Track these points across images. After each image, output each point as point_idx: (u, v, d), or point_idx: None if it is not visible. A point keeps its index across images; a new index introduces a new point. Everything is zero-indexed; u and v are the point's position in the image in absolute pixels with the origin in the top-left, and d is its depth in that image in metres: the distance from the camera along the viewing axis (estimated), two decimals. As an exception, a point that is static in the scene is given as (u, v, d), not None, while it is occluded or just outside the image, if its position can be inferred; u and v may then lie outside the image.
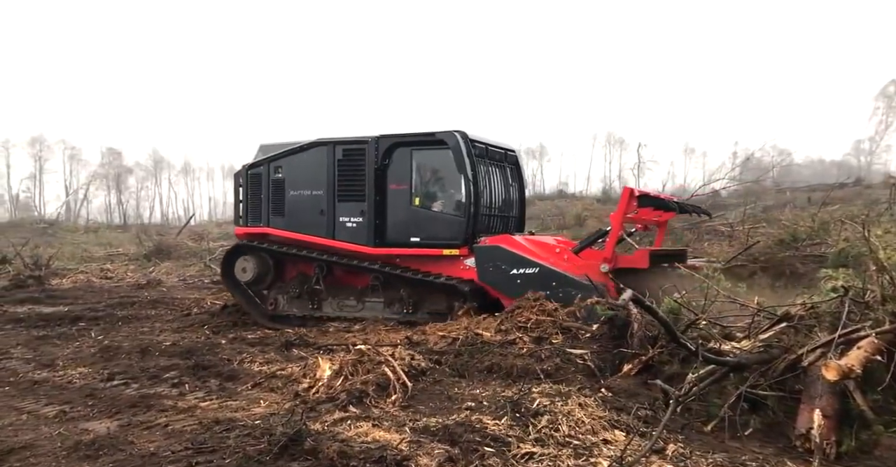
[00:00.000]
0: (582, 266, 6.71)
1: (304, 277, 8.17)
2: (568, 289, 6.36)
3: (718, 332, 4.72)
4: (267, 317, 8.25)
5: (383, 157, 7.47)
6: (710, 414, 3.87)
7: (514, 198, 8.30)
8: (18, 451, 3.79)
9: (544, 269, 6.63)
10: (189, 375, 5.57)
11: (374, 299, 7.76)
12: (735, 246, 12.18)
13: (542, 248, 7.10)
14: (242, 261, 8.23)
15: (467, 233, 7.17)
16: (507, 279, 6.78)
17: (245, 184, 8.34)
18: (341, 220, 7.67)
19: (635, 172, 55.74)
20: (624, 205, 6.46)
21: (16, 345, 7.41)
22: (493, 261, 6.90)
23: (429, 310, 7.47)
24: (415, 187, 7.49)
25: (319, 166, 7.76)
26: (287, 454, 3.40)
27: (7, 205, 53.83)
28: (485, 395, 4.47)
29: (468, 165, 7.10)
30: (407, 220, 7.46)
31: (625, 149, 68.96)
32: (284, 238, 8.04)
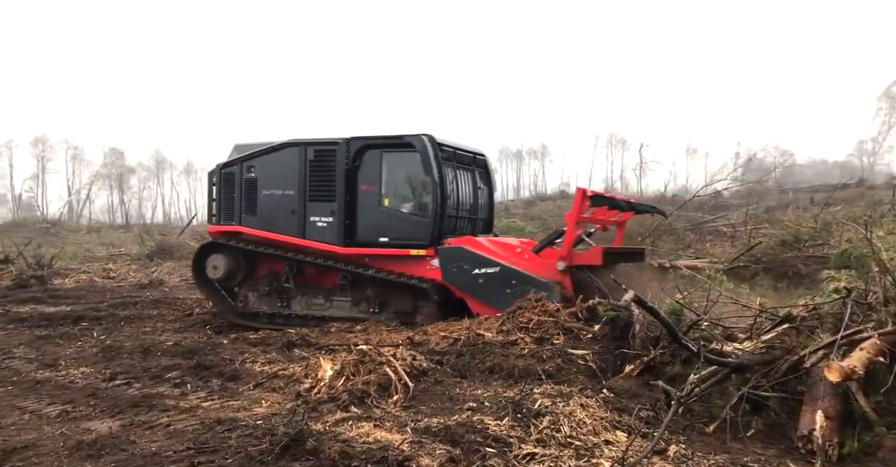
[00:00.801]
0: (541, 264, 6.94)
1: (274, 275, 8.28)
2: (527, 287, 6.61)
3: (720, 333, 4.71)
4: (236, 314, 8.33)
5: (354, 159, 7.62)
6: (712, 416, 3.87)
7: (481, 200, 8.49)
8: (21, 451, 3.80)
9: (505, 269, 6.88)
10: (191, 375, 5.58)
11: (342, 298, 7.89)
12: (737, 246, 12.17)
13: (504, 249, 7.30)
14: (213, 258, 8.32)
15: (433, 234, 7.35)
16: (469, 279, 7.02)
17: (219, 183, 8.44)
18: (312, 220, 7.79)
19: (637, 173, 55.73)
20: (577, 205, 6.65)
21: (18, 344, 7.43)
22: (456, 261, 7.11)
23: (394, 310, 7.61)
24: (384, 188, 7.66)
25: (291, 166, 7.89)
26: (289, 454, 3.40)
27: (10, 205, 53.97)
28: (486, 396, 4.47)
29: (435, 168, 7.28)
30: (376, 221, 7.63)
31: (627, 150, 69.00)
32: (257, 237, 8.14)
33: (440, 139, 7.55)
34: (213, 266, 8.26)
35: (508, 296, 6.63)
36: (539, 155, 73.17)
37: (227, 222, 8.38)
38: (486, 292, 6.95)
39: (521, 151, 73.50)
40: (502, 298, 6.75)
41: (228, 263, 8.21)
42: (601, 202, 6.91)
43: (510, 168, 75.46)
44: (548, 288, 6.57)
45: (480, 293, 6.99)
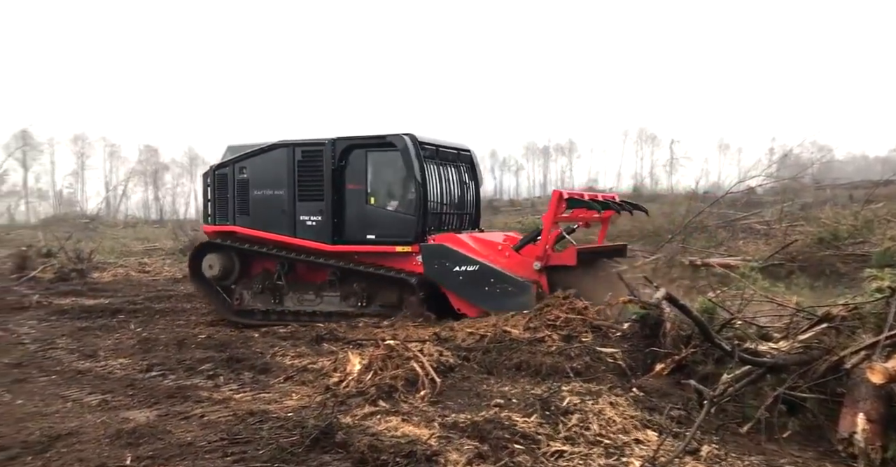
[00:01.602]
0: (519, 263, 7.09)
1: (267, 273, 8.44)
2: (504, 286, 6.87)
3: (755, 333, 4.59)
4: (233, 312, 8.51)
5: (340, 158, 7.80)
6: (746, 416, 3.78)
7: (468, 196, 8.62)
8: (65, 438, 3.95)
9: (484, 267, 7.06)
10: (223, 367, 5.70)
11: (331, 293, 8.08)
12: (772, 244, 11.84)
13: (486, 246, 7.45)
14: (209, 258, 8.57)
15: (418, 231, 7.53)
16: (451, 275, 7.20)
17: (212, 184, 8.67)
18: (302, 219, 7.99)
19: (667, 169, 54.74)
20: (553, 207, 6.84)
21: (61, 335, 7.71)
22: (438, 258, 7.29)
23: (381, 303, 7.82)
24: (370, 187, 7.83)
25: (280, 167, 8.09)
26: (319, 447, 3.46)
27: (52, 201, 55.92)
28: (514, 393, 4.46)
29: (416, 167, 7.44)
30: (363, 219, 7.81)
31: (657, 146, 67.80)
32: (250, 236, 8.37)
33: (422, 137, 7.70)
34: (208, 265, 8.52)
35: (487, 293, 6.90)
36: (566, 151, 72.45)
37: (221, 222, 8.63)
38: (466, 289, 7.15)
39: (549, 147, 72.87)
40: (481, 295, 6.99)
41: (223, 262, 8.46)
42: (577, 204, 7.06)
43: (536, 164, 74.93)
44: (524, 287, 6.77)
45: (461, 289, 7.19)
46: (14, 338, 7.54)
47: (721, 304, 5.02)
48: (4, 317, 8.84)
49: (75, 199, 56.27)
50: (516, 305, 6.68)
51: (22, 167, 51.70)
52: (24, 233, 24.37)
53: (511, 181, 72.21)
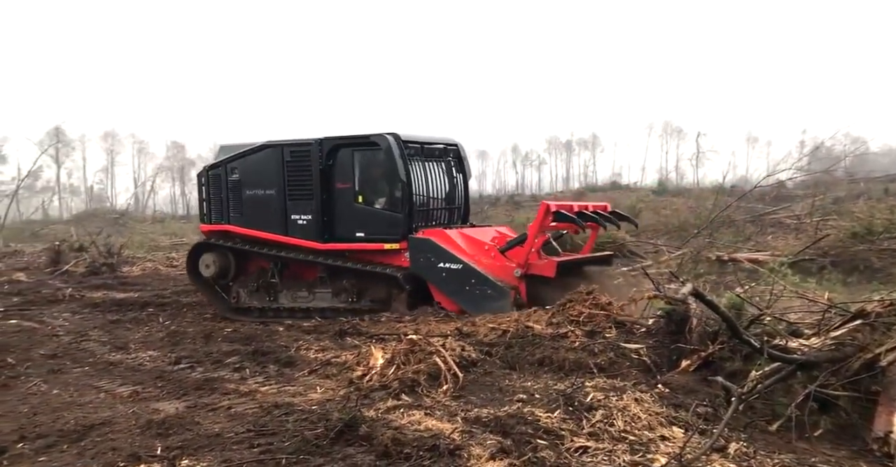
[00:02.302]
0: (502, 267, 7.19)
1: (262, 271, 8.63)
2: (484, 288, 7.03)
3: (784, 329, 4.49)
4: (231, 310, 8.66)
5: (327, 158, 7.93)
6: (776, 414, 3.70)
7: (457, 190, 8.67)
8: (98, 427, 4.07)
9: (466, 267, 7.17)
10: (249, 360, 5.80)
11: (323, 290, 8.24)
12: (802, 239, 11.56)
13: (473, 245, 7.52)
14: (205, 257, 8.72)
15: (405, 229, 7.65)
16: (435, 270, 7.34)
17: (207, 184, 8.86)
18: (293, 218, 8.14)
19: (693, 162, 53.71)
20: (540, 219, 6.99)
21: (93, 328, 7.94)
22: (424, 252, 7.41)
23: (371, 299, 8.00)
24: (357, 186, 7.94)
25: (271, 167, 8.25)
26: (343, 439, 3.49)
27: (83, 197, 57.38)
28: (536, 388, 4.44)
29: (400, 166, 7.55)
30: (352, 217, 7.94)
31: (682, 139, 66.53)
32: (244, 235, 8.53)
33: (406, 135, 7.81)
34: (205, 265, 8.70)
35: (467, 293, 7.07)
36: (590, 145, 71.60)
37: (217, 221, 8.82)
38: (447, 286, 7.29)
39: (571, 142, 72.11)
40: (461, 294, 7.15)
41: (220, 261, 8.63)
42: (563, 219, 7.08)
43: (559, 159, 74.24)
44: (503, 292, 6.89)
45: (443, 285, 7.34)
46: (49, 330, 7.77)
47: (749, 300, 4.92)
48: (40, 310, 9.12)
49: (105, 195, 57.63)
50: (493, 309, 6.80)
51: (55, 163, 53.12)
52: (57, 228, 25.09)
53: (533, 176, 71.79)
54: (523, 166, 70.61)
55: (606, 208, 7.99)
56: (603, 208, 7.91)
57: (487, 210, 23.39)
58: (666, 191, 30.41)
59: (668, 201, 22.64)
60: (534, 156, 72.40)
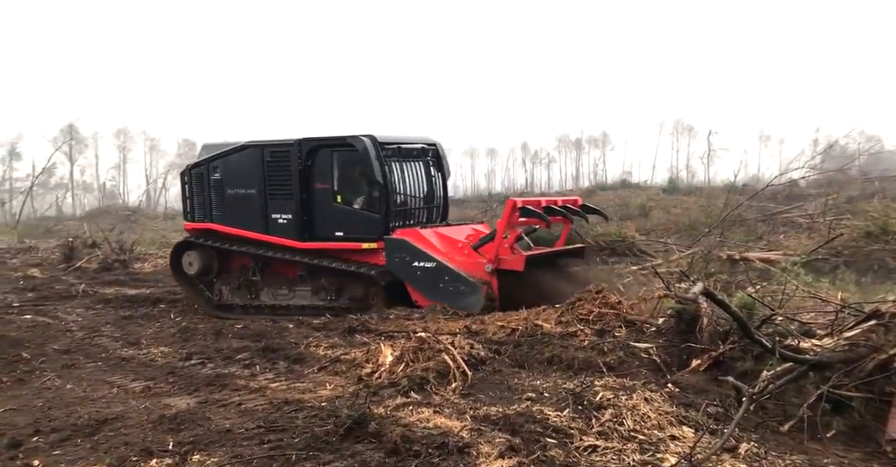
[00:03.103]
0: (474, 264, 7.36)
1: (244, 269, 8.74)
2: (457, 284, 7.20)
3: (797, 329, 4.46)
4: (214, 307, 8.77)
5: (306, 159, 8.05)
6: (788, 414, 3.67)
7: (435, 189, 8.80)
8: (111, 422, 4.12)
9: (440, 265, 7.33)
10: (259, 357, 5.82)
11: (303, 288, 8.37)
12: (815, 239, 11.43)
13: (446, 243, 7.68)
14: (188, 255, 8.84)
15: (382, 228, 7.80)
16: (409, 269, 7.49)
17: (190, 183, 8.99)
18: (273, 217, 8.27)
19: (704, 161, 53.23)
20: (507, 216, 7.15)
21: (105, 323, 8.01)
22: (399, 252, 7.56)
23: (349, 297, 8.13)
24: (336, 186, 8.07)
25: (252, 167, 8.37)
26: (352, 436, 3.51)
27: (96, 194, 57.95)
28: (545, 387, 4.43)
29: (376, 167, 7.68)
30: (331, 217, 8.08)
31: (693, 137, 65.99)
32: (226, 233, 8.66)
33: (383, 137, 7.93)
34: (188, 263, 8.83)
35: (441, 290, 7.23)
36: (599, 143, 71.25)
37: (200, 220, 8.94)
38: (422, 284, 7.44)
39: (581, 140, 71.78)
40: (436, 292, 7.30)
41: (202, 259, 8.76)
42: (530, 214, 7.27)
43: (569, 157, 73.94)
44: (475, 287, 7.09)
45: (418, 284, 7.48)
46: (63, 326, 7.86)
47: (761, 300, 4.89)
48: (54, 305, 9.22)
49: (118, 192, 58.16)
50: (466, 304, 7.02)
51: (69, 160, 53.65)
52: (70, 224, 25.33)
53: (543, 174, 71.56)
54: (533, 164, 70.42)
55: (577, 203, 8.14)
56: (573, 203, 8.05)
57: (497, 208, 23.32)
58: (676, 189, 30.12)
59: (679, 200, 22.47)
60: (543, 154, 72.21)
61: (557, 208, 7.59)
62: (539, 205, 7.45)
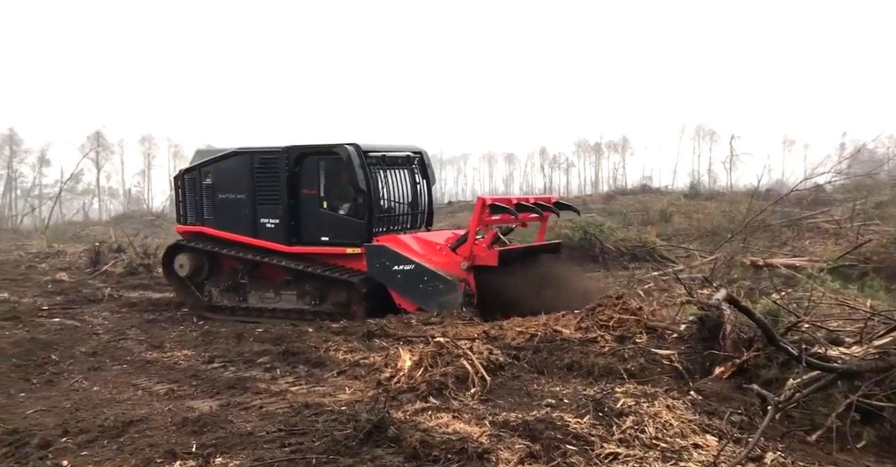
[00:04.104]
0: (450, 263, 7.56)
1: (234, 272, 8.90)
2: (436, 284, 7.38)
3: (823, 336, 4.36)
4: (204, 308, 8.94)
5: (294, 165, 8.27)
6: (816, 424, 3.59)
7: (420, 196, 9.01)
8: (137, 424, 4.19)
9: (418, 267, 7.51)
10: (280, 361, 5.86)
11: (289, 292, 8.51)
12: (843, 244, 11.18)
13: (425, 246, 7.87)
14: (179, 257, 9.03)
15: (366, 234, 8.00)
16: (390, 274, 7.68)
17: (182, 187, 9.22)
18: (262, 221, 8.48)
19: (727, 166, 52.44)
20: (478, 213, 7.40)
21: (130, 326, 8.16)
22: (379, 258, 7.75)
23: (332, 302, 8.25)
24: (322, 192, 8.29)
25: (241, 173, 8.60)
26: (372, 440, 3.52)
27: (121, 199, 59.17)
28: (565, 393, 4.40)
29: (360, 175, 7.88)
30: (317, 222, 8.27)
31: (715, 142, 65.11)
32: (217, 236, 8.86)
33: (367, 145, 8.16)
34: (179, 264, 8.98)
35: (421, 291, 7.43)
36: (619, 148, 70.69)
37: (192, 223, 9.12)
38: (403, 286, 7.61)
39: (601, 144, 71.30)
40: (417, 293, 7.49)
41: (193, 262, 8.92)
42: (500, 210, 7.47)
43: (588, 162, 73.47)
44: (452, 285, 7.30)
45: (399, 287, 7.64)
46: (89, 329, 8.02)
47: (786, 306, 4.79)
48: (81, 309, 9.42)
49: (142, 197, 59.31)
50: (446, 302, 7.21)
51: (95, 167, 54.99)
52: (97, 229, 25.87)
53: (561, 179, 71.21)
54: (551, 169, 70.14)
55: (551, 200, 8.36)
56: (547, 200, 8.26)
57: (514, 213, 23.20)
58: (698, 194, 29.74)
59: (701, 205, 22.17)
60: (562, 159, 71.87)
61: (528, 205, 7.80)
62: (510, 202, 7.67)
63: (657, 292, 8.77)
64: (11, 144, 51.84)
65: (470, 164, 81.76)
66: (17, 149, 52.46)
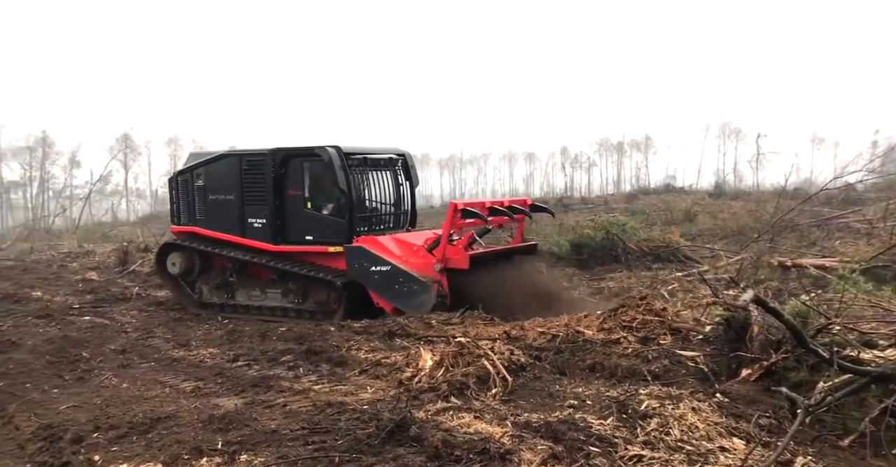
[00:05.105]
0: (425, 264, 7.72)
1: (223, 270, 9.24)
2: (410, 285, 7.55)
3: (856, 339, 4.25)
4: (196, 305, 9.31)
5: (279, 167, 8.54)
6: (848, 429, 3.50)
7: (403, 196, 9.26)
8: (165, 420, 4.27)
9: (394, 268, 7.68)
10: (302, 359, 5.92)
11: (274, 290, 8.79)
12: (875, 245, 10.87)
13: (403, 247, 8.03)
14: (171, 256, 9.41)
15: (347, 233, 8.23)
16: (368, 274, 7.87)
17: (176, 189, 9.56)
18: (250, 221, 8.78)
19: (753, 165, 51.47)
20: (450, 218, 7.57)
21: (157, 325, 8.33)
22: (357, 259, 7.94)
23: (314, 300, 8.50)
24: (307, 193, 8.53)
25: (230, 175, 8.90)
26: (394, 439, 3.53)
27: (148, 199, 60.44)
28: (588, 394, 4.36)
29: (340, 176, 8.11)
30: (302, 222, 8.53)
31: (741, 140, 63.99)
32: (208, 236, 9.18)
33: (348, 148, 8.41)
34: (172, 263, 9.34)
35: (397, 291, 7.62)
36: (642, 146, 69.86)
37: (185, 223, 9.44)
38: (380, 287, 7.78)
39: (623, 143, 70.54)
40: (393, 293, 7.68)
41: (185, 260, 9.26)
42: (470, 215, 7.68)
43: (610, 161, 72.75)
44: (426, 286, 7.46)
45: (377, 287, 7.83)
46: (118, 327, 8.21)
47: (816, 308, 4.67)
48: (110, 307, 9.65)
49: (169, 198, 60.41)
50: (420, 302, 7.40)
51: (123, 168, 56.31)
52: (125, 229, 26.46)
53: (583, 178, 70.61)
54: (572, 168, 69.60)
55: (527, 202, 8.57)
56: (522, 203, 8.47)
57: (535, 213, 23.06)
58: (723, 194, 29.21)
59: (726, 204, 21.77)
60: (583, 159, 71.27)
61: (501, 208, 8.00)
62: (483, 206, 7.91)
63: (681, 293, 8.64)
64: (44, 146, 53.39)
65: (490, 164, 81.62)
66: (50, 151, 54.01)
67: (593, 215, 18.25)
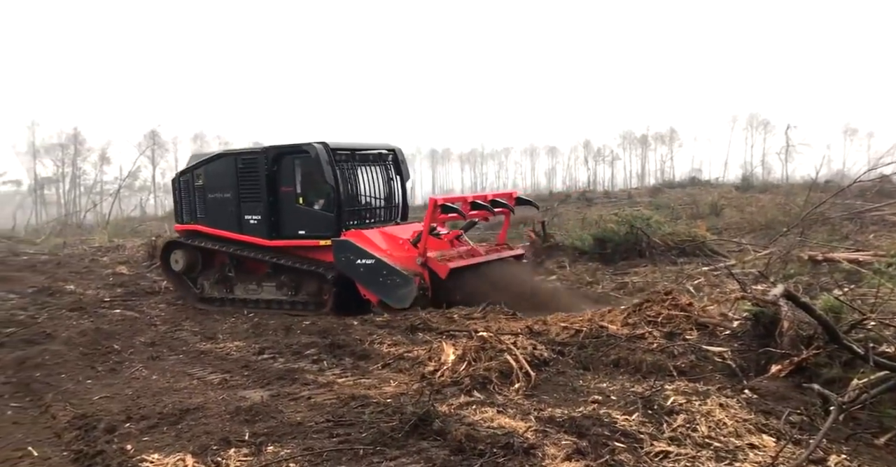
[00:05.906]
0: (408, 258, 7.88)
1: (223, 266, 9.54)
2: (393, 278, 7.73)
3: (892, 335, 4.11)
4: (198, 300, 9.60)
5: (272, 164, 8.78)
6: (884, 427, 3.40)
7: (393, 191, 9.45)
8: (193, 412, 4.37)
9: (378, 261, 7.86)
10: (326, 353, 6.00)
11: (269, 283, 9.06)
12: (910, 237, 10.50)
13: (388, 241, 8.23)
14: (174, 253, 9.75)
15: (336, 226, 8.42)
16: (354, 267, 8.04)
17: (179, 189, 9.93)
18: (246, 218, 9.06)
19: (782, 157, 50.19)
20: (430, 213, 7.75)
21: (185, 318, 8.52)
22: (344, 252, 8.13)
23: (307, 292, 8.76)
24: (298, 189, 8.76)
25: (227, 173, 9.20)
26: (417, 433, 3.55)
27: (175, 196, 61.52)
28: (612, 390, 4.31)
29: (328, 172, 8.32)
30: (294, 217, 8.76)
31: (770, 132, 62.51)
32: (209, 233, 9.50)
33: (337, 143, 8.64)
34: (174, 260, 9.69)
35: (381, 284, 7.82)
36: (667, 139, 68.72)
37: (187, 222, 9.77)
38: (365, 279, 7.98)
39: (647, 136, 69.45)
40: (377, 286, 7.88)
41: (187, 257, 9.59)
42: (449, 210, 7.86)
43: (633, 154, 71.75)
44: (407, 279, 7.63)
45: (362, 279, 8.01)
46: (148, 320, 8.42)
47: (850, 303, 4.54)
48: (139, 300, 9.90)
49: (195, 194, 61.37)
50: (402, 295, 7.61)
51: (151, 164, 57.41)
52: (153, 224, 27.04)
53: (606, 172, 69.80)
54: (595, 162, 68.81)
55: (512, 196, 8.72)
56: (507, 196, 8.63)
57: (557, 207, 22.92)
58: (751, 187, 28.54)
59: (754, 198, 21.29)
60: (606, 152, 70.41)
61: (482, 203, 8.15)
62: (465, 201, 8.13)
63: (707, 288, 8.49)
64: (76, 143, 54.70)
65: (511, 159, 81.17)
66: (81, 147, 55.31)
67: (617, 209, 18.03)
